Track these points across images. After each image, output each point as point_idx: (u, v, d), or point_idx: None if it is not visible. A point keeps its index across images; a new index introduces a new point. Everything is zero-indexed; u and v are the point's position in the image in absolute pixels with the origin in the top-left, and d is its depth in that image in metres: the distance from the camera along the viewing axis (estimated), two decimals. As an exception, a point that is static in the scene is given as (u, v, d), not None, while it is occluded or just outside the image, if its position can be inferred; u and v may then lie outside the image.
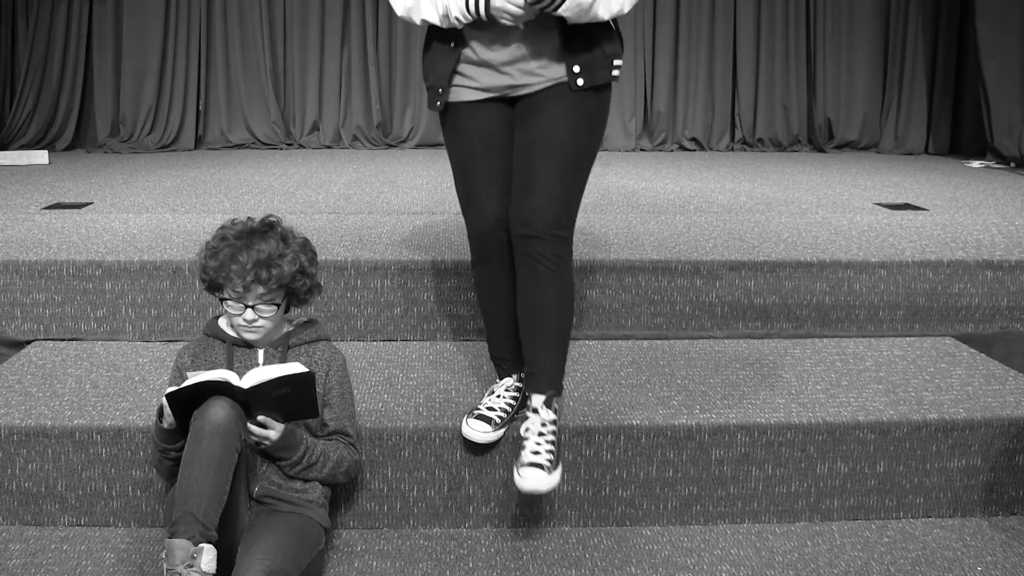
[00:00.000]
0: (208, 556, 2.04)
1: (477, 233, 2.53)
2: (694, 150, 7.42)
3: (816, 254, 3.51)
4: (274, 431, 2.26)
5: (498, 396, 2.62)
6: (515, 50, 2.42)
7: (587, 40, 2.41)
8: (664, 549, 2.55)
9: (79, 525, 2.63)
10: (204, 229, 3.64)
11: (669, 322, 3.42)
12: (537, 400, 2.44)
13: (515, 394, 2.63)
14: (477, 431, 2.55)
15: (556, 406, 2.48)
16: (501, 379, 2.68)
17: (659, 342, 3.36)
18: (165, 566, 2.02)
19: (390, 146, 7.34)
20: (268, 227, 2.40)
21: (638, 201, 4.78)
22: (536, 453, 2.39)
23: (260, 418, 2.24)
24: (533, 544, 2.57)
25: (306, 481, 2.37)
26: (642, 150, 7.39)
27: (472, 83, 2.49)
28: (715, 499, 2.70)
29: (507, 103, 2.50)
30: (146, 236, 3.74)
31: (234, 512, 2.18)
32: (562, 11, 2.28)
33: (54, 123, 7.05)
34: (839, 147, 7.51)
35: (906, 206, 4.72)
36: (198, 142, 7.29)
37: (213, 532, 2.07)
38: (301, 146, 7.30)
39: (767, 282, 3.44)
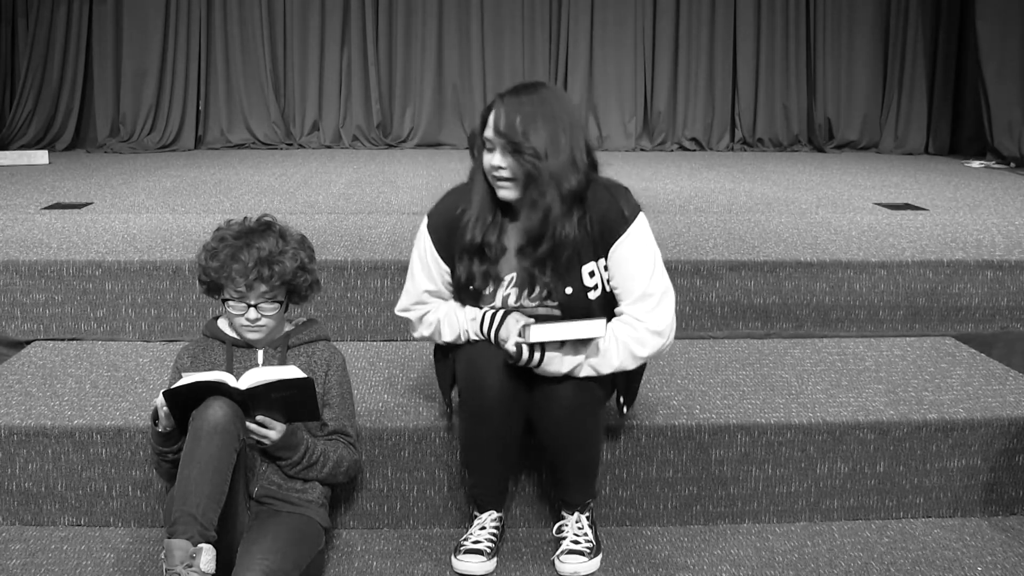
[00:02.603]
0: (207, 556, 2.03)
1: (479, 409, 2.35)
2: (694, 150, 7.42)
3: (816, 254, 3.51)
4: (274, 431, 2.25)
5: (482, 528, 2.47)
6: None
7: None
8: (664, 549, 2.55)
9: (79, 525, 2.63)
10: (204, 229, 3.64)
11: (669, 322, 3.42)
12: (568, 514, 2.50)
13: (497, 524, 2.49)
14: (473, 563, 2.39)
15: (592, 505, 2.51)
16: (481, 512, 2.50)
17: (659, 342, 3.36)
18: (164, 566, 2.02)
19: (390, 146, 7.34)
20: (266, 226, 2.40)
21: (638, 201, 4.77)
22: (575, 543, 2.43)
23: (260, 417, 2.24)
24: (533, 544, 2.57)
25: (306, 481, 2.36)
26: (642, 150, 7.40)
27: None
28: (715, 499, 2.70)
29: None
30: (146, 236, 3.74)
31: (233, 512, 2.18)
32: (542, 370, 2.29)
33: (54, 123, 7.06)
34: (839, 147, 7.51)
35: (906, 206, 4.72)
36: (198, 142, 7.29)
37: (212, 532, 2.07)
38: (301, 146, 7.31)
39: (767, 282, 3.43)
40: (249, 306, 2.35)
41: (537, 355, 2.25)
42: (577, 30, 7.39)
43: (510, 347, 2.25)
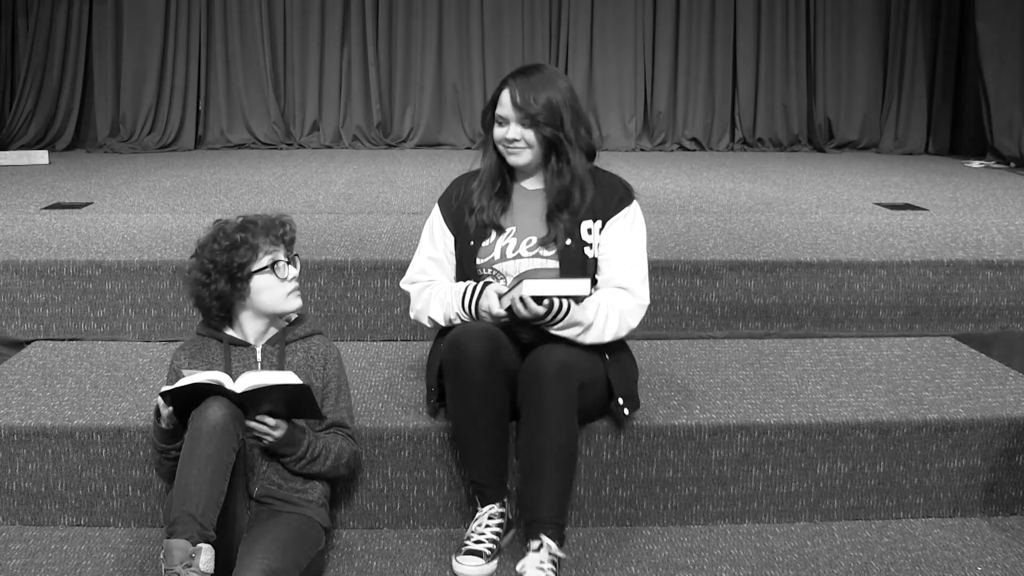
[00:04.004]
0: (206, 556, 2.03)
1: (463, 375, 2.40)
2: (694, 150, 7.42)
3: (816, 254, 3.51)
4: (277, 429, 2.25)
5: (484, 526, 2.45)
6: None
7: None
8: (664, 549, 2.55)
9: (79, 525, 2.63)
10: (204, 229, 3.64)
11: (669, 322, 3.42)
12: (536, 542, 2.35)
13: (500, 521, 2.47)
14: (471, 566, 2.37)
15: (556, 547, 2.35)
16: (482, 505, 2.49)
17: (659, 342, 3.36)
18: (164, 566, 2.02)
19: (390, 146, 7.34)
20: (242, 219, 2.43)
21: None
22: None
23: (261, 416, 2.24)
24: (533, 544, 2.57)
25: (307, 479, 2.37)
26: (642, 150, 7.40)
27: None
28: (715, 499, 2.70)
29: None
30: (146, 236, 3.74)
31: (232, 512, 2.18)
32: (566, 322, 2.46)
33: (54, 123, 7.06)
34: (839, 147, 7.51)
35: (906, 206, 4.72)
36: (198, 142, 7.30)
37: (211, 532, 2.07)
38: (301, 146, 7.31)
39: (767, 282, 3.43)
40: (288, 263, 2.39)
41: (557, 304, 2.39)
42: (577, 30, 7.39)
43: (499, 310, 2.41)
